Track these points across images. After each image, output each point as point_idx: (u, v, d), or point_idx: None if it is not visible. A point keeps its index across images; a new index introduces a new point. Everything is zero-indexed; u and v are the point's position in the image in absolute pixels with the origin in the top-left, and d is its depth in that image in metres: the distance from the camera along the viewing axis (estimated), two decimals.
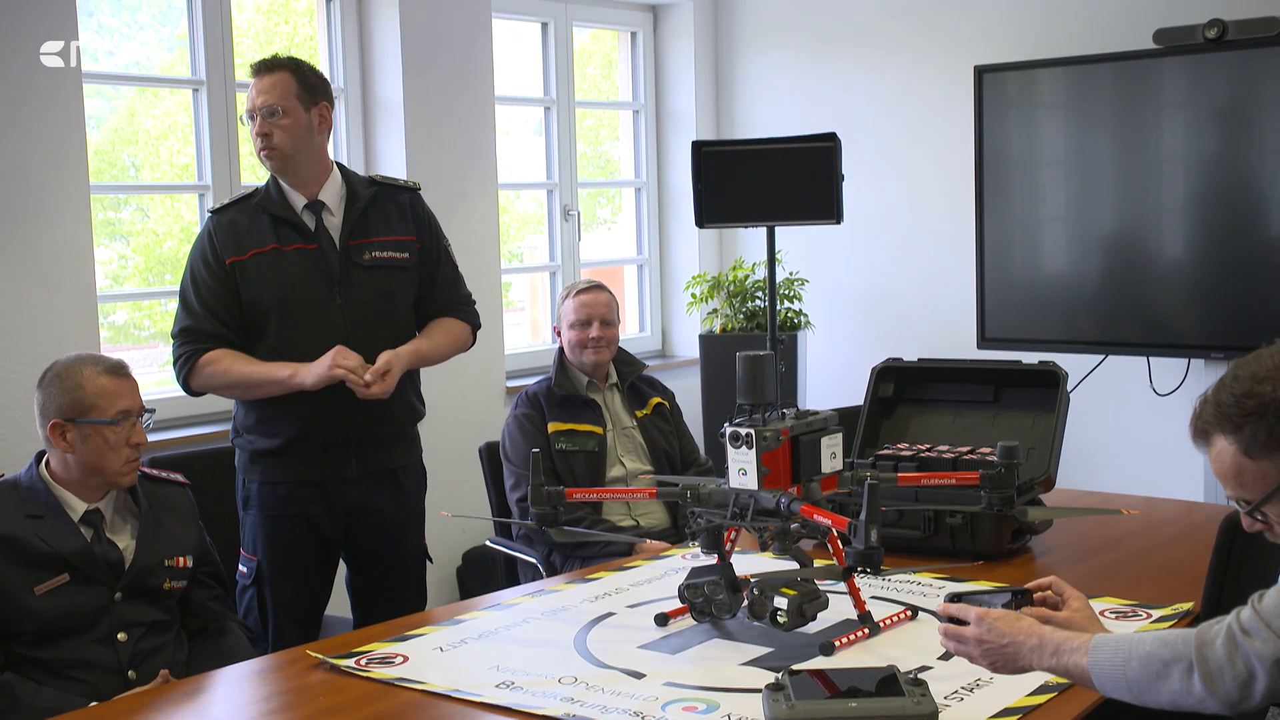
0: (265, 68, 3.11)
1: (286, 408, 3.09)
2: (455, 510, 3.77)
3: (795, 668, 2.11)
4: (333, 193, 3.17)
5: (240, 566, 3.18)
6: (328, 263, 3.12)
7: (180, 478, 2.87)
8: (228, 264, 3.09)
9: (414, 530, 3.31)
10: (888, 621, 2.51)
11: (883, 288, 5.75)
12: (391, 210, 3.23)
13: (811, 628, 2.44)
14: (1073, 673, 1.88)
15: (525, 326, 5.88)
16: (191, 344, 3.08)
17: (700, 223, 4.95)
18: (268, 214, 3.12)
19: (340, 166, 3.23)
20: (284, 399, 3.08)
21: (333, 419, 3.10)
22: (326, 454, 3.13)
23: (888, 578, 2.80)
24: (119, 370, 2.66)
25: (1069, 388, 3.23)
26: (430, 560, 3.39)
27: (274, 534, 3.15)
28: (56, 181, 3.96)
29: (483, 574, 4.82)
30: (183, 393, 3.20)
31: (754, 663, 2.33)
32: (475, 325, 3.39)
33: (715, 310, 5.78)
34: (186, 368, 3.09)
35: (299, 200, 3.14)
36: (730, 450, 2.45)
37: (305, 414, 3.09)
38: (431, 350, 3.25)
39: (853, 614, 2.49)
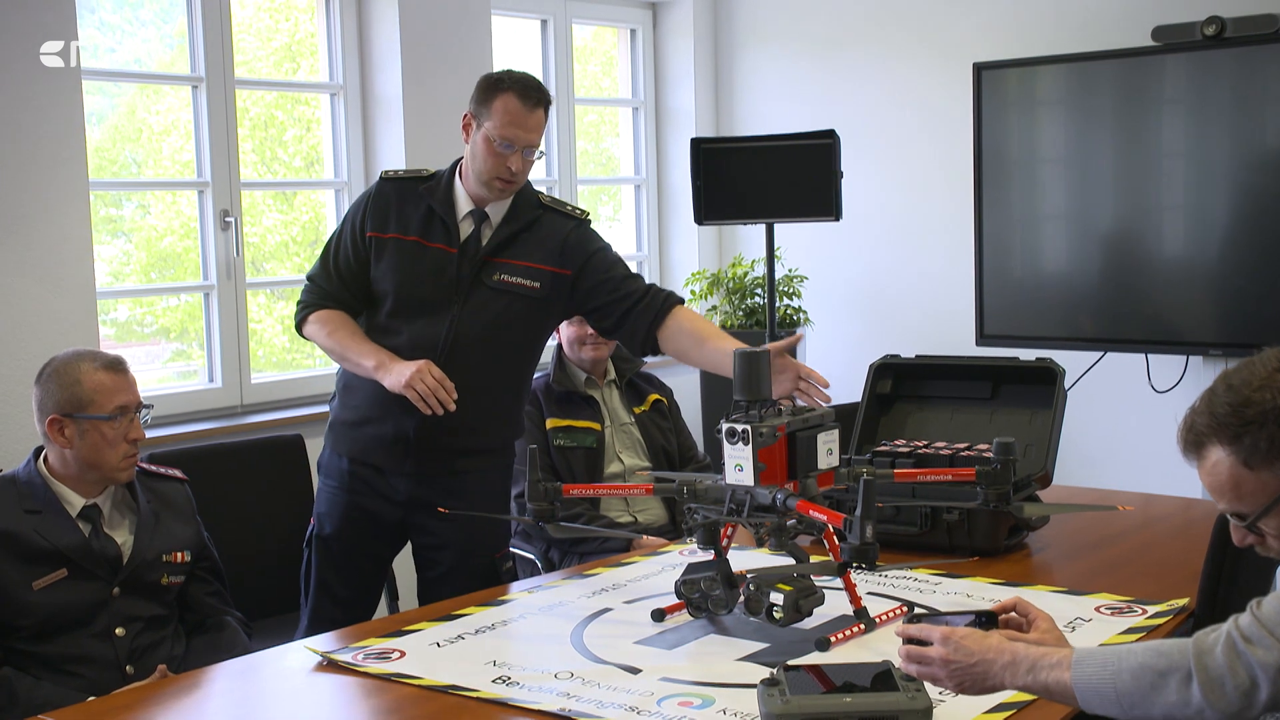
0: (538, 99, 3.00)
1: (367, 385, 3.03)
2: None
3: (791, 663, 2.11)
4: (499, 208, 3.10)
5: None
6: (459, 272, 3.04)
7: (178, 473, 2.87)
8: (367, 236, 3.07)
9: (476, 535, 3.12)
10: (883, 617, 2.51)
11: (881, 285, 5.75)
12: (545, 237, 3.10)
13: (807, 623, 2.44)
14: (1052, 690, 1.81)
15: None
16: (313, 294, 3.12)
17: (699, 219, 4.96)
18: (426, 204, 3.07)
19: None
20: (365, 380, 3.03)
21: (398, 412, 3.01)
22: (390, 443, 3.06)
23: (884, 573, 2.81)
24: (117, 366, 2.66)
25: (1067, 385, 3.24)
26: (500, 577, 3.17)
27: (330, 505, 3.15)
28: (56, 179, 3.97)
29: None
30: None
31: (750, 658, 2.33)
32: (680, 300, 3.18)
33: (715, 307, 5.78)
34: (301, 315, 3.12)
35: (465, 204, 3.08)
36: (727, 446, 2.46)
37: (380, 398, 3.01)
38: (716, 334, 3.13)
39: (848, 610, 2.49)
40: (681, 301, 3.16)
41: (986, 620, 1.96)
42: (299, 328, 3.16)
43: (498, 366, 3.11)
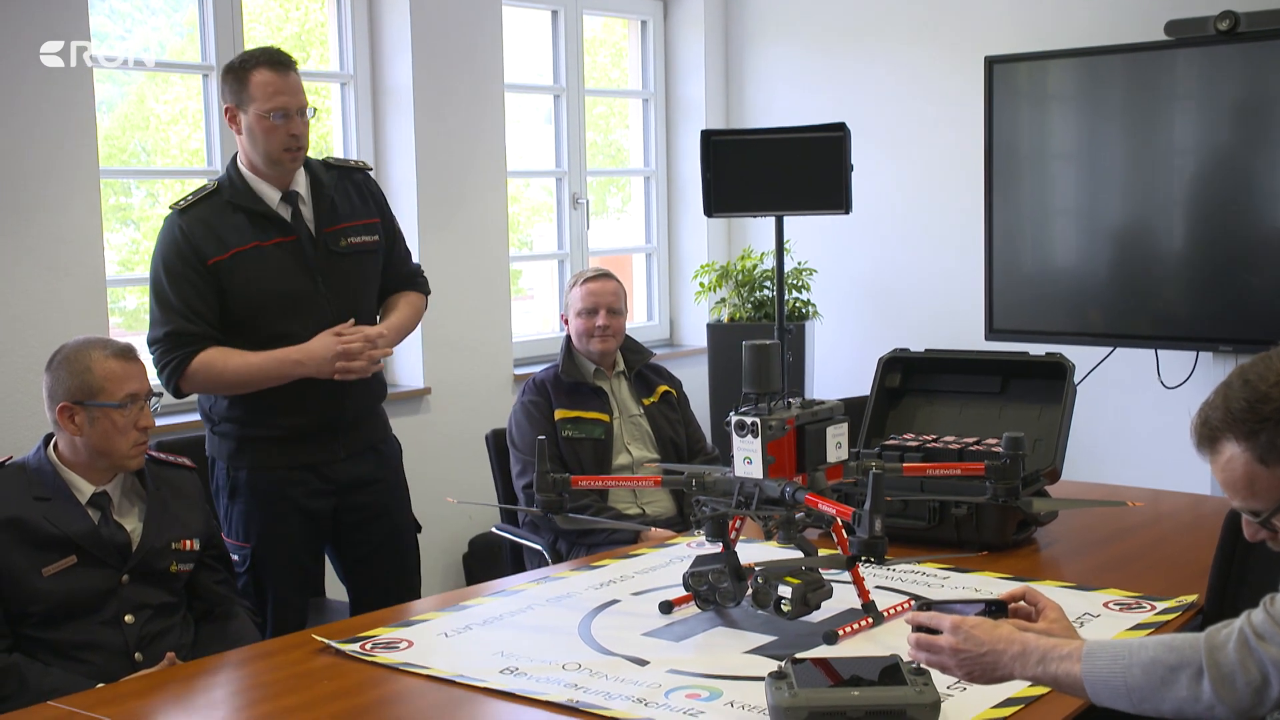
0: (287, 64, 3.08)
1: (276, 400, 3.09)
2: (462, 497, 3.78)
3: (798, 656, 2.11)
4: (302, 182, 3.16)
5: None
6: (307, 254, 3.12)
7: (187, 462, 2.88)
8: (209, 264, 3.04)
9: (401, 498, 3.35)
10: (891, 611, 2.51)
11: (891, 278, 5.74)
12: (353, 193, 3.24)
13: (815, 616, 2.44)
14: (1061, 681, 1.81)
15: (535, 315, 5.89)
16: (179, 348, 3.03)
17: (709, 212, 4.94)
18: (241, 210, 3.09)
19: None
20: (274, 392, 3.08)
21: (324, 406, 3.13)
22: (317, 438, 3.16)
23: (892, 567, 2.81)
24: (127, 354, 2.67)
25: (1077, 380, 3.23)
26: (420, 529, 3.43)
27: (268, 519, 3.15)
28: (66, 168, 3.97)
29: (489, 561, 4.83)
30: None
31: (757, 651, 2.33)
32: (428, 293, 3.45)
33: (723, 299, 5.78)
34: (177, 374, 3.03)
35: (272, 193, 3.12)
36: (736, 439, 2.46)
37: (296, 404, 3.11)
38: (406, 323, 3.31)
39: (856, 603, 2.50)
40: (417, 289, 3.38)
41: (996, 609, 1.96)
42: (179, 386, 3.05)
43: (370, 323, 3.23)
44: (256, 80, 3.04)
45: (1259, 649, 1.70)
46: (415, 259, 3.48)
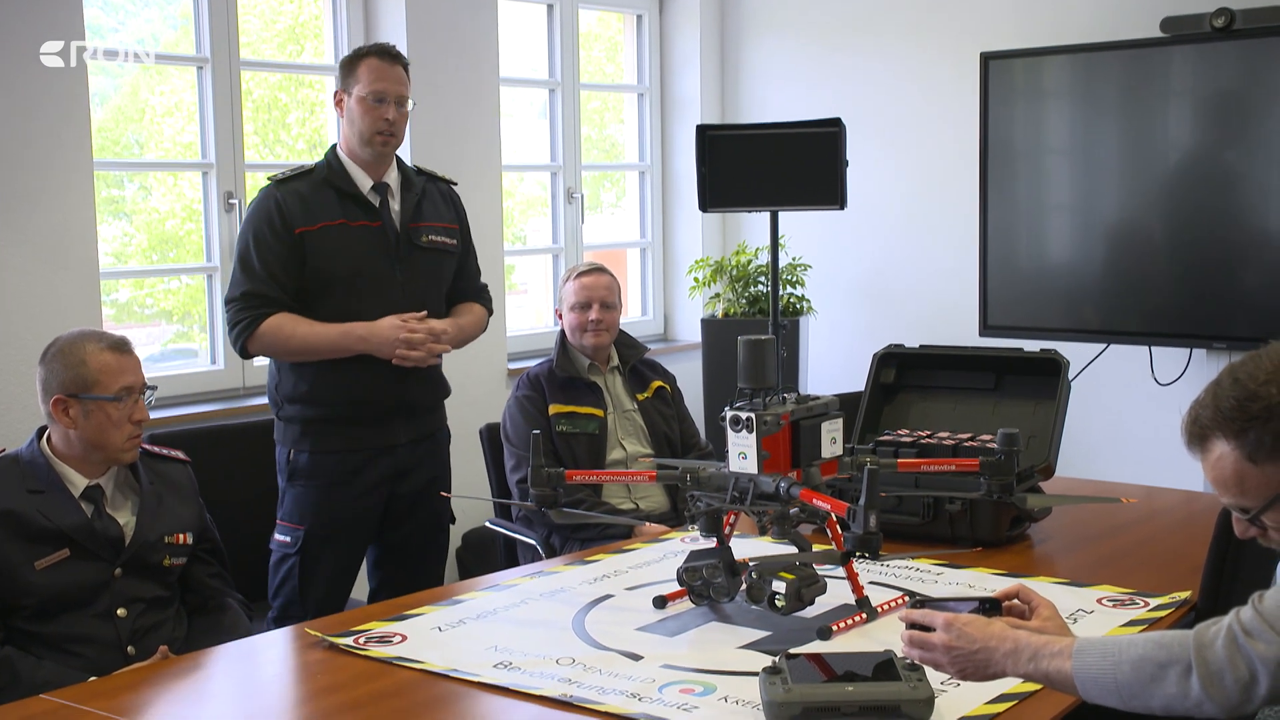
0: (395, 57, 3.28)
1: (343, 378, 3.20)
2: (455, 491, 3.76)
3: (792, 651, 2.11)
4: (394, 178, 3.32)
5: (280, 536, 3.27)
6: (390, 241, 3.25)
7: (181, 455, 2.87)
8: (296, 232, 3.18)
9: (444, 488, 3.42)
10: (885, 607, 2.51)
11: (885, 274, 5.75)
12: (439, 199, 3.41)
13: (809, 612, 2.44)
14: (1053, 678, 1.82)
15: (529, 309, 5.88)
16: (253, 308, 3.17)
17: (704, 207, 4.94)
18: (333, 189, 3.23)
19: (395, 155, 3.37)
20: (340, 370, 3.19)
21: (387, 387, 3.23)
22: (380, 422, 3.25)
23: (886, 563, 2.81)
24: (122, 347, 2.66)
25: (1070, 376, 3.23)
26: (454, 519, 3.51)
27: (324, 502, 3.23)
28: (60, 159, 3.96)
29: (482, 555, 4.82)
30: (239, 357, 3.35)
31: (751, 646, 2.33)
32: (491, 311, 3.58)
33: (718, 295, 5.78)
34: (247, 332, 3.17)
35: (365, 180, 3.27)
36: (730, 434, 2.46)
37: (361, 383, 3.21)
38: (469, 328, 3.45)
39: (850, 599, 2.50)
40: (482, 303, 3.55)
41: (990, 607, 1.96)
42: (246, 346, 3.20)
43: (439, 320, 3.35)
44: (365, 65, 3.25)
45: (1247, 646, 1.71)
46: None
